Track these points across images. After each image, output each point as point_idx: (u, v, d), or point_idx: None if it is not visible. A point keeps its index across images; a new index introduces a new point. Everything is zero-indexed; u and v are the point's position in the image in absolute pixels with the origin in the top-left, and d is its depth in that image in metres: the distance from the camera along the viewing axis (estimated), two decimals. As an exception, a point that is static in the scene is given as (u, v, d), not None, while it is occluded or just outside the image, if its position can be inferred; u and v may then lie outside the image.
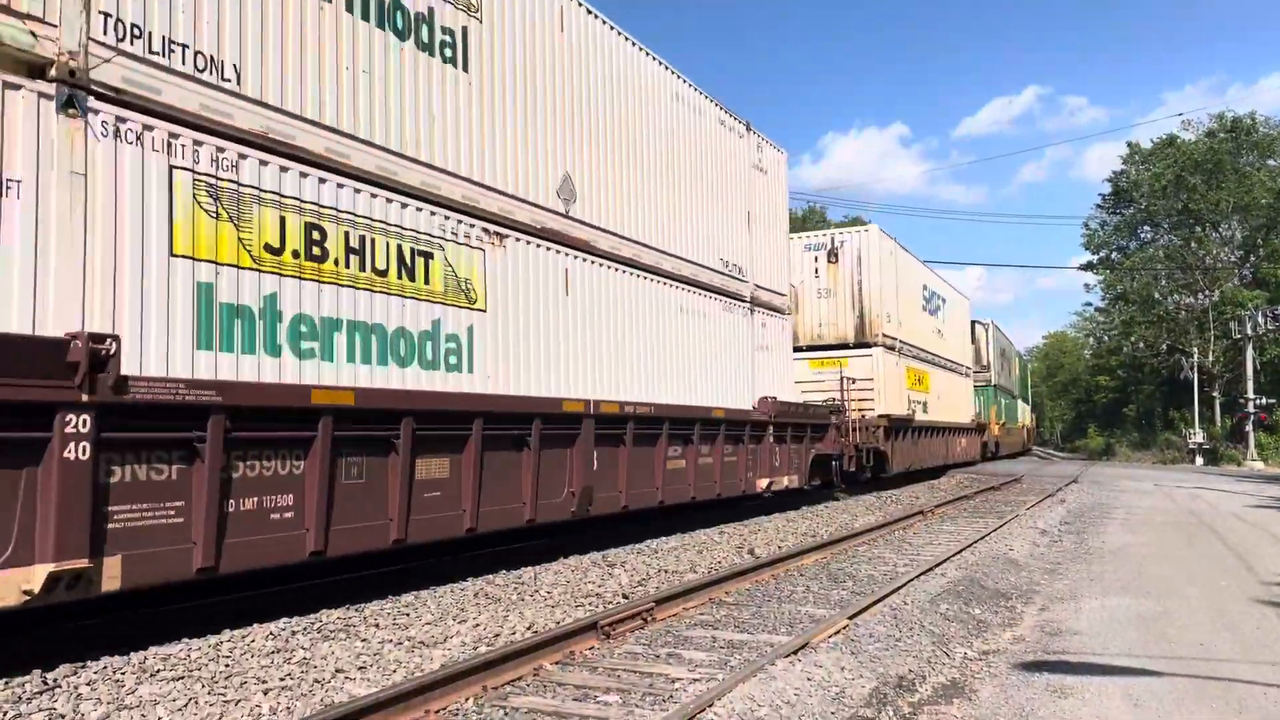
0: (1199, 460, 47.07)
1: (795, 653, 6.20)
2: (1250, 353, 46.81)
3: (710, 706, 5.05)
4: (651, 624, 7.40)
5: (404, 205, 8.79)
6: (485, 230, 9.78)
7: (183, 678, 5.69)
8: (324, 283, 7.89)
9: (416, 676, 5.56)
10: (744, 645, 6.76)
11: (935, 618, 7.72)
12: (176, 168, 6.78)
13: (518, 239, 10.27)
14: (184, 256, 6.77)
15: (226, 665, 6.00)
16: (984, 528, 14.39)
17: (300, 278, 7.68)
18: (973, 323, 39.56)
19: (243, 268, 7.20)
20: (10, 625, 6.28)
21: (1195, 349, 54.13)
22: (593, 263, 11.66)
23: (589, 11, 11.87)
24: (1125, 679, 6.17)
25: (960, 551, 11.52)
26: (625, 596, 8.46)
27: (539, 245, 10.64)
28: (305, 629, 7.03)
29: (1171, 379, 58.87)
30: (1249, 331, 46.55)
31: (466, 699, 5.39)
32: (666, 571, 10.01)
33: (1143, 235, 64.23)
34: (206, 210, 6.96)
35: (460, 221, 9.44)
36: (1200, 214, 57.74)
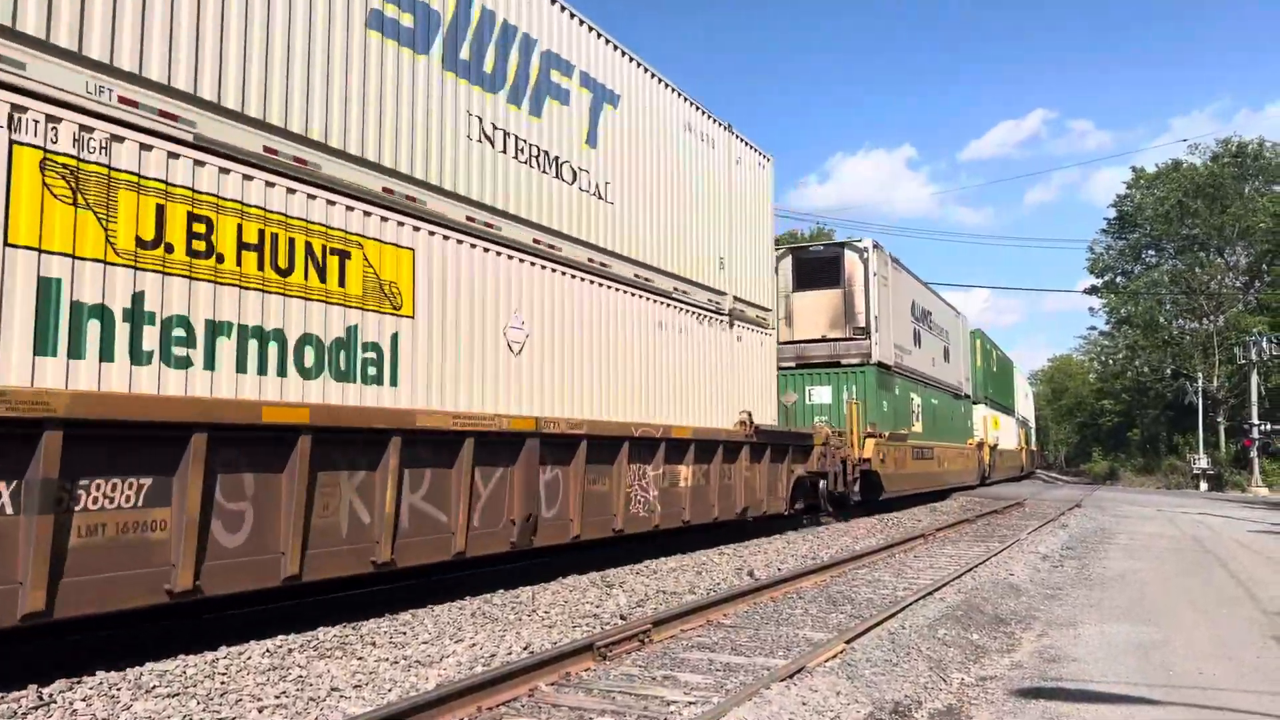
0: (1203, 485, 46.92)
1: (791, 677, 6.19)
2: (1255, 378, 46.68)
3: (704, 730, 5.04)
4: (648, 645, 7.39)
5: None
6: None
7: (178, 694, 5.69)
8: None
9: (411, 696, 5.56)
10: (740, 668, 6.74)
11: (933, 643, 7.69)
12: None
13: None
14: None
15: (222, 682, 6.00)
16: (985, 552, 14.34)
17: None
18: (838, 244, 23.97)
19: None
20: (6, 638, 6.29)
21: (1200, 373, 54.00)
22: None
23: None
24: (1123, 707, 6.14)
25: (960, 576, 11.48)
26: (623, 618, 8.44)
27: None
28: (302, 646, 7.04)
29: (1176, 403, 58.70)
30: (1254, 357, 46.40)
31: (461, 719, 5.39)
32: (665, 592, 9.99)
33: (1147, 259, 64.33)
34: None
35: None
36: (1204, 239, 57.82)
